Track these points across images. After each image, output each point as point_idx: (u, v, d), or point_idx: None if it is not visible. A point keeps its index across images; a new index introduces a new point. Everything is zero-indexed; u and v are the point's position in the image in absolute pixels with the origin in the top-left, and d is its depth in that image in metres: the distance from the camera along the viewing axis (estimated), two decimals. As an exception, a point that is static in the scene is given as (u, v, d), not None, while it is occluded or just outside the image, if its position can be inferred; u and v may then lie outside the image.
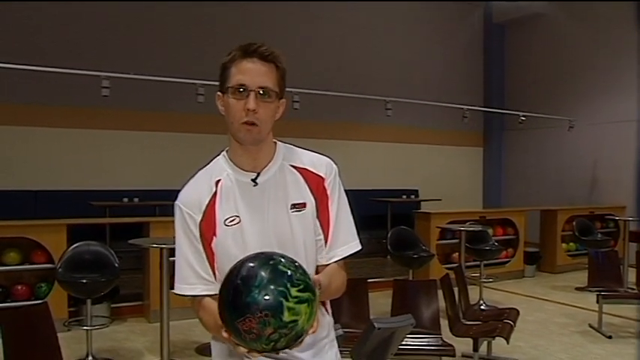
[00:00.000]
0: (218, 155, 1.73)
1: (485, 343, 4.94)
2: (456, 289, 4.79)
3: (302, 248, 1.62)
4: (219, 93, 1.62)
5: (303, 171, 1.65)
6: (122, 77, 6.53)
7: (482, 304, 6.66)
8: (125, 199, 8.33)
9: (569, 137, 10.50)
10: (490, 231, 7.35)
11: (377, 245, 8.06)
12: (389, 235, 6.73)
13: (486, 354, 5.01)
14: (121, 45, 8.63)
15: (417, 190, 11.23)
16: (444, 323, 4.41)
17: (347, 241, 1.68)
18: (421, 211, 8.87)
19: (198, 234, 1.59)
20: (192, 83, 6.68)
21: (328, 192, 1.65)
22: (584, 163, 10.82)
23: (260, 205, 1.60)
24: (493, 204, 12.00)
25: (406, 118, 10.17)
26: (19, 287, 5.66)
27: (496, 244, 7.16)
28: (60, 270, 4.75)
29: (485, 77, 12.53)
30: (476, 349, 4.39)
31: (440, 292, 4.49)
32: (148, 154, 8.98)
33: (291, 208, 1.61)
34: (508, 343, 4.36)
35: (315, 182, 1.64)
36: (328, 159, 1.70)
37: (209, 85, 6.69)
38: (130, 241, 5.29)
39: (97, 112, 8.33)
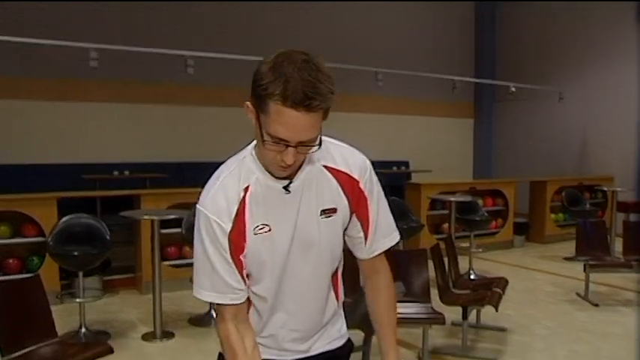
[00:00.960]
0: (244, 151, 1.58)
1: (475, 311, 5.01)
2: (445, 260, 4.84)
3: (328, 249, 1.61)
4: (248, 104, 1.43)
5: (336, 173, 1.57)
6: (110, 49, 6.45)
7: (471, 274, 6.75)
8: (115, 172, 8.31)
9: (560, 109, 10.53)
10: (480, 202, 7.40)
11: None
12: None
13: (475, 322, 5.09)
14: (108, 16, 8.50)
15: (407, 162, 11.26)
16: (433, 292, 4.46)
17: (387, 234, 1.69)
18: (411, 182, 8.90)
19: (227, 244, 1.50)
20: (181, 55, 6.61)
21: (365, 193, 1.60)
22: (573, 134, 10.87)
23: (290, 212, 1.54)
24: (483, 175, 12.06)
25: (397, 89, 10.14)
26: (11, 261, 5.66)
27: (486, 214, 7.22)
28: (51, 243, 4.75)
29: (476, 48, 12.48)
30: (465, 317, 4.46)
31: (430, 262, 4.54)
32: (138, 127, 8.92)
33: (320, 214, 1.56)
34: (497, 311, 4.42)
35: (349, 185, 1.58)
36: (361, 157, 1.63)
37: (198, 57, 6.63)
38: (122, 214, 5.28)
39: (85, 85, 8.24)
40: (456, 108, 11.86)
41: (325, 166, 1.56)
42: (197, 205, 1.53)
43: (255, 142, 1.53)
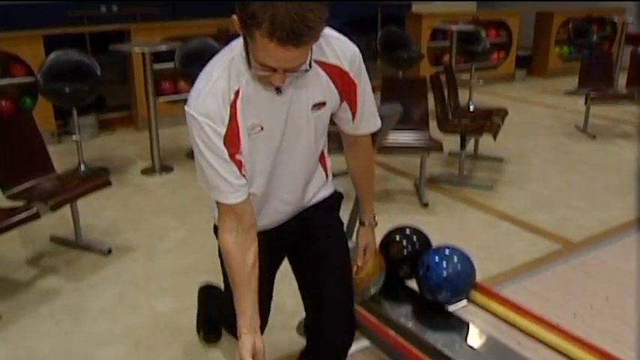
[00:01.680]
0: (232, 49, 1.49)
1: (472, 141, 5.02)
2: (445, 92, 4.74)
3: (316, 139, 1.64)
4: (235, 18, 1.34)
5: (327, 67, 1.54)
6: None
7: (471, 106, 6.68)
8: (103, 8, 7.94)
9: None
10: (483, 32, 7.12)
11: (366, 49, 7.84)
12: (379, 35, 6.52)
13: (473, 152, 5.11)
14: None
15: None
16: (432, 125, 4.43)
17: (372, 117, 1.73)
18: (412, 12, 8.52)
19: (223, 147, 1.47)
20: None
21: (355, 81, 1.60)
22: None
23: (282, 110, 1.52)
24: (487, 5, 11.52)
25: None
26: (3, 102, 5.58)
27: (488, 45, 6.97)
28: (40, 81, 4.62)
29: None
30: (463, 146, 4.46)
31: (430, 96, 4.46)
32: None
33: (312, 108, 1.56)
34: (495, 140, 4.42)
35: (339, 77, 1.57)
36: (352, 47, 1.58)
37: None
38: (111, 47, 5.11)
39: None
40: None
41: (316, 61, 1.51)
42: (187, 109, 1.46)
43: (242, 43, 1.45)
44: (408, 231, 2.27)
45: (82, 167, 4.89)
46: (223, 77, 1.45)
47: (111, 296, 3.04)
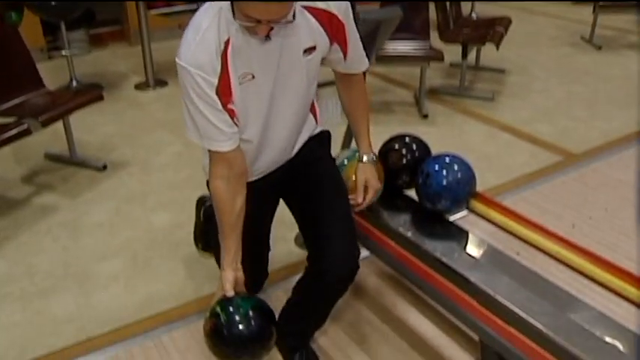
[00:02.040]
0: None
1: (474, 52, 4.88)
2: (447, 3, 4.56)
3: (308, 85, 1.66)
4: None
5: (315, 11, 1.56)
6: None
7: (473, 15, 6.48)
8: None
9: None
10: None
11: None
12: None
13: (474, 63, 4.98)
14: None
15: None
16: (433, 35, 4.29)
17: (361, 56, 1.78)
18: None
19: (215, 97, 1.49)
20: None
21: (344, 22, 1.63)
22: None
23: (273, 57, 1.53)
24: None
25: None
26: (-12, 17, 5.38)
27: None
28: (25, -7, 4.44)
29: None
30: (465, 56, 4.33)
31: (431, 5, 4.29)
32: None
33: (303, 54, 1.57)
34: (498, 49, 4.29)
35: (327, 20, 1.59)
36: None
37: None
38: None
39: None
40: None
41: (304, 7, 1.54)
42: (178, 61, 1.45)
43: None
44: (407, 139, 2.21)
45: (74, 83, 4.77)
46: (213, 27, 1.45)
47: (107, 211, 3.03)
